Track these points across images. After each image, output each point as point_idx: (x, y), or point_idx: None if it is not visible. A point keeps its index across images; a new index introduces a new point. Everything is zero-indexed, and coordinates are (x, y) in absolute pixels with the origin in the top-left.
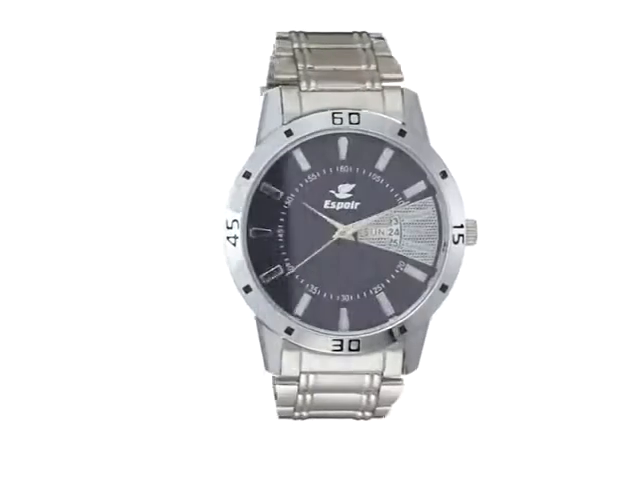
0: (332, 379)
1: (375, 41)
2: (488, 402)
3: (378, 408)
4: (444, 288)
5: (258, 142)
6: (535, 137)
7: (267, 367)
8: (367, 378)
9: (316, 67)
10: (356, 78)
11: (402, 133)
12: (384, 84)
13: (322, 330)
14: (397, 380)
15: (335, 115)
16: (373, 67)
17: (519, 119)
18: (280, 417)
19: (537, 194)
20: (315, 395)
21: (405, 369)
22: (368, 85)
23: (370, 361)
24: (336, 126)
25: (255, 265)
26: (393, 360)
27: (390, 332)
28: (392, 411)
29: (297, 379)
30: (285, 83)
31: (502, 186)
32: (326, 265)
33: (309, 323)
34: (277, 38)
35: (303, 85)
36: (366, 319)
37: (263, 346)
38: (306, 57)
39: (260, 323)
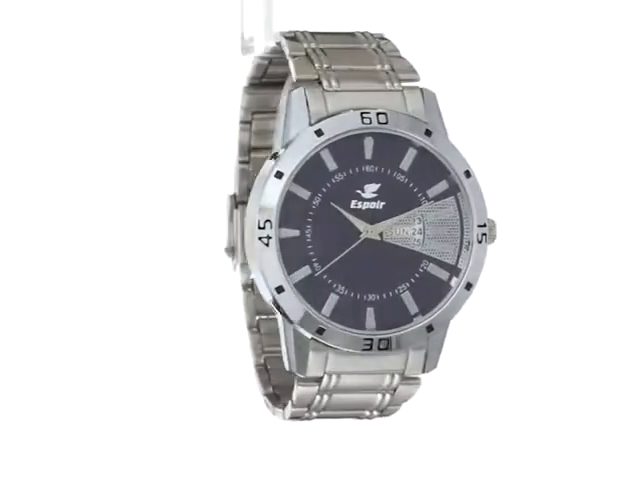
0: (354, 379)
1: (381, 41)
2: (492, 401)
3: (389, 407)
4: (469, 287)
5: (285, 142)
6: (535, 136)
7: (291, 367)
8: (388, 377)
9: (333, 67)
10: (375, 78)
11: (428, 133)
12: (403, 84)
13: (353, 330)
14: (415, 379)
15: (364, 115)
16: (387, 67)
17: (518, 119)
18: (290, 418)
19: (537, 193)
20: (333, 396)
21: (425, 368)
22: (388, 85)
23: (395, 360)
24: (365, 126)
25: (286, 265)
26: (416, 359)
27: (418, 331)
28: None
29: (320, 380)
30: (297, 83)
31: (503, 185)
32: (353, 265)
33: (338, 323)
34: (285, 38)
35: (325, 84)
36: (392, 318)
37: (289, 347)
38: (321, 57)
39: (289, 323)
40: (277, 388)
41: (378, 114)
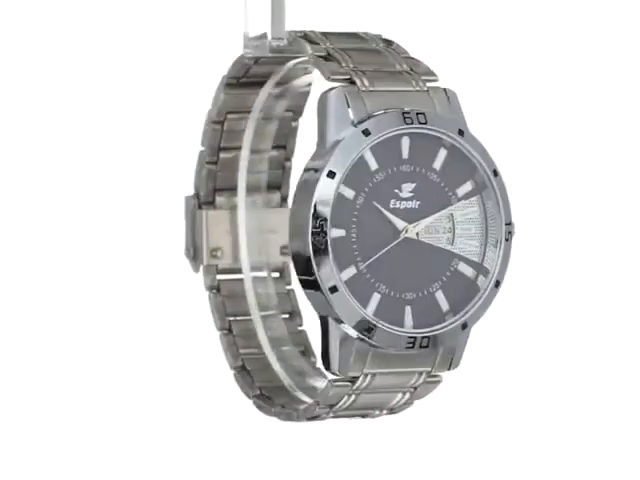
0: (386, 379)
1: (384, 43)
2: (492, 401)
3: (402, 405)
4: (497, 284)
5: (332, 142)
6: (534, 135)
7: (330, 368)
8: (416, 376)
9: (361, 67)
10: (401, 79)
11: (461, 132)
12: (428, 85)
13: (398, 328)
14: (437, 377)
15: (405, 115)
16: (407, 67)
17: (517, 119)
18: (308, 419)
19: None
20: (360, 396)
21: (451, 366)
22: (415, 86)
23: (427, 359)
24: (407, 126)
25: (337, 265)
26: (445, 357)
27: (454, 329)
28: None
29: (356, 380)
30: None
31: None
32: (393, 263)
33: (385, 321)
34: (300, 37)
35: (359, 84)
36: (427, 317)
37: (333, 346)
38: (344, 57)
39: (338, 322)
40: (264, 389)
41: (417, 114)
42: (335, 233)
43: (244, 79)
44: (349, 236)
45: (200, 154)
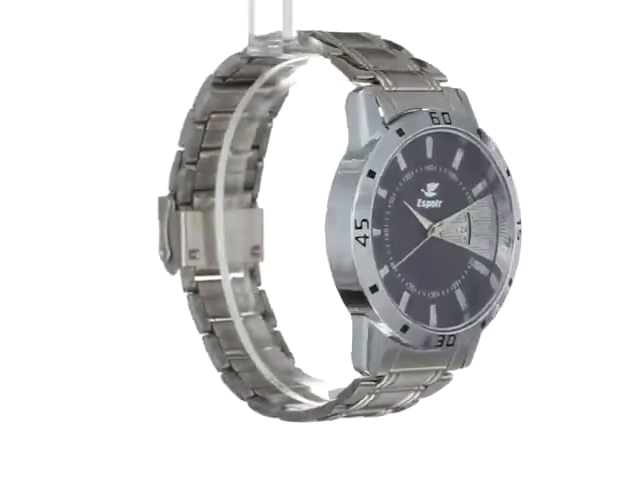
0: (408, 378)
1: (386, 44)
2: (492, 401)
3: (410, 404)
4: (510, 282)
5: (367, 142)
6: (532, 135)
7: (359, 367)
8: (432, 374)
9: (379, 67)
10: (417, 79)
11: (479, 132)
12: (441, 85)
13: (429, 327)
14: (449, 375)
15: (432, 115)
16: (417, 68)
17: (515, 119)
18: (320, 419)
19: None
20: (380, 395)
21: (464, 364)
22: (429, 86)
23: (447, 357)
24: (434, 126)
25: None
26: (460, 355)
27: (475, 327)
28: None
29: (381, 379)
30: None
31: None
32: (419, 263)
33: (418, 320)
34: (313, 36)
35: (383, 84)
36: (448, 316)
37: (364, 346)
38: (362, 57)
39: (376, 321)
40: (257, 390)
41: (443, 114)
42: (374, 232)
43: (230, 79)
44: (383, 236)
45: (178, 154)
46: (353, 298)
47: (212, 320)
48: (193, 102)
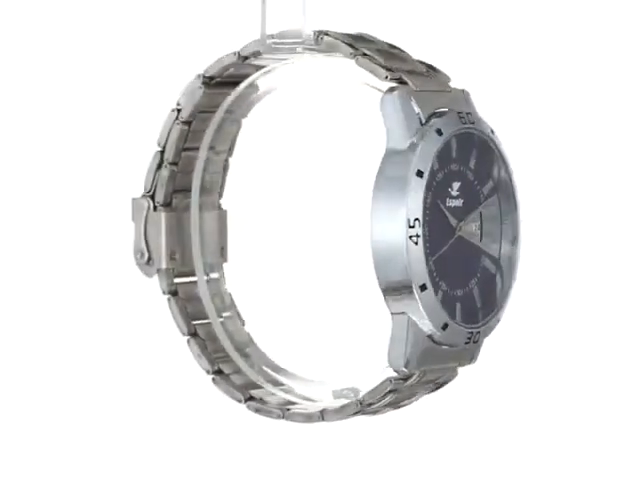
0: (430, 375)
1: (388, 45)
2: (492, 401)
3: (409, 401)
4: (514, 280)
5: (410, 142)
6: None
7: (397, 365)
8: (450, 371)
9: (401, 68)
10: (431, 80)
11: (492, 131)
12: (451, 86)
13: (462, 324)
14: (456, 372)
15: (460, 115)
16: (425, 69)
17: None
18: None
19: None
20: (400, 393)
21: (472, 359)
22: (444, 87)
23: (470, 354)
24: (463, 126)
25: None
26: (470, 350)
27: (493, 323)
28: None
29: (410, 377)
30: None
31: None
32: (447, 261)
33: (458, 319)
34: (334, 38)
35: (411, 84)
36: (469, 314)
37: (403, 344)
38: (382, 57)
39: (420, 319)
40: (253, 391)
41: (467, 114)
42: (422, 231)
43: (219, 79)
44: (425, 235)
45: (157, 155)
46: (400, 296)
47: (195, 322)
48: (180, 102)
